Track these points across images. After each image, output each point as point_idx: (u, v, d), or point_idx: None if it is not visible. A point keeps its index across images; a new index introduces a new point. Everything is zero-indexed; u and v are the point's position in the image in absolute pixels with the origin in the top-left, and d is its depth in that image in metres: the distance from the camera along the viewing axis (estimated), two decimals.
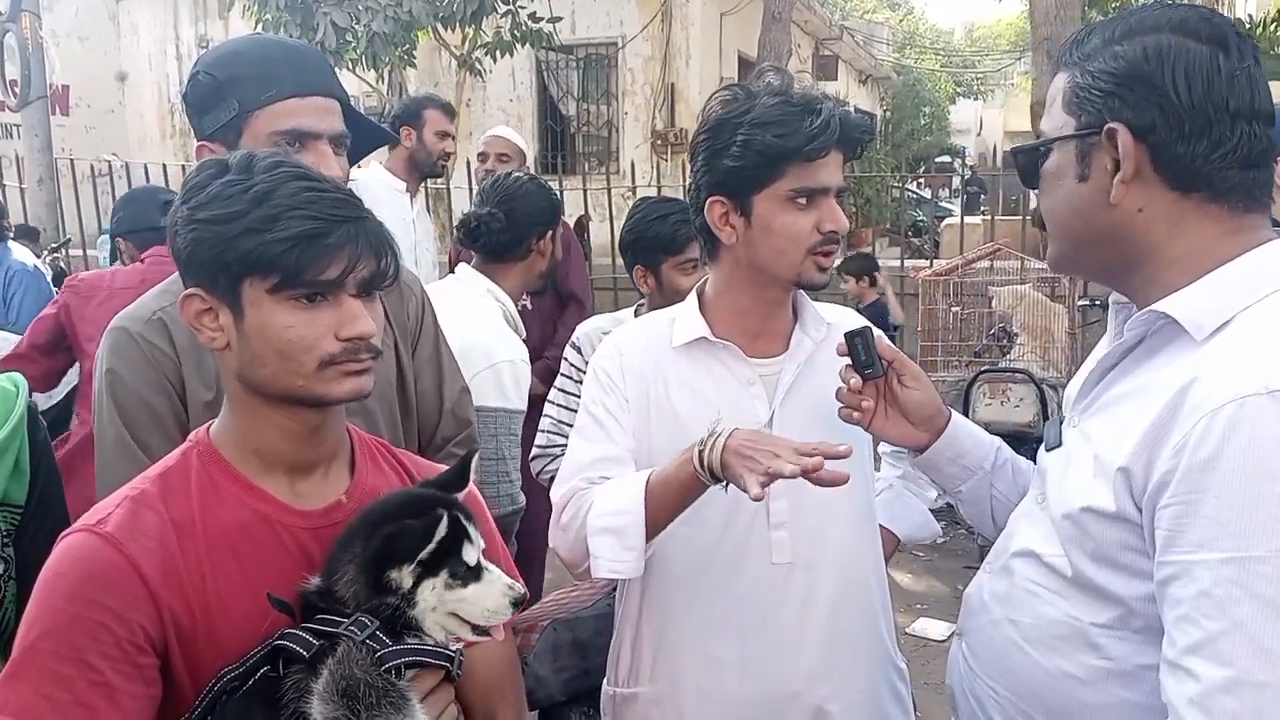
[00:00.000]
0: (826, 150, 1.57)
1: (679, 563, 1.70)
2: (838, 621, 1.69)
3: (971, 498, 1.59)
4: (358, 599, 1.11)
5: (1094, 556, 1.16)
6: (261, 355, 1.16)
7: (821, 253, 1.61)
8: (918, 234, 14.74)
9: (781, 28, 9.51)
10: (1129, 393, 1.18)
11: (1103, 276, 1.30)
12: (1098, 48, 1.19)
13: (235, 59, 1.66)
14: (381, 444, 1.39)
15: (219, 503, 1.19)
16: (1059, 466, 1.28)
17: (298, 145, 1.61)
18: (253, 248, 1.12)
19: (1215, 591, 0.99)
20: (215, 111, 1.64)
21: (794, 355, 1.69)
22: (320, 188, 1.16)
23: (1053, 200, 1.26)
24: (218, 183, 1.16)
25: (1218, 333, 1.10)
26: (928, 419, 1.57)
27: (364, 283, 1.18)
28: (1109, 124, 1.15)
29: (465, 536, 1.16)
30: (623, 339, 1.79)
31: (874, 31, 24.60)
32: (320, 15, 8.75)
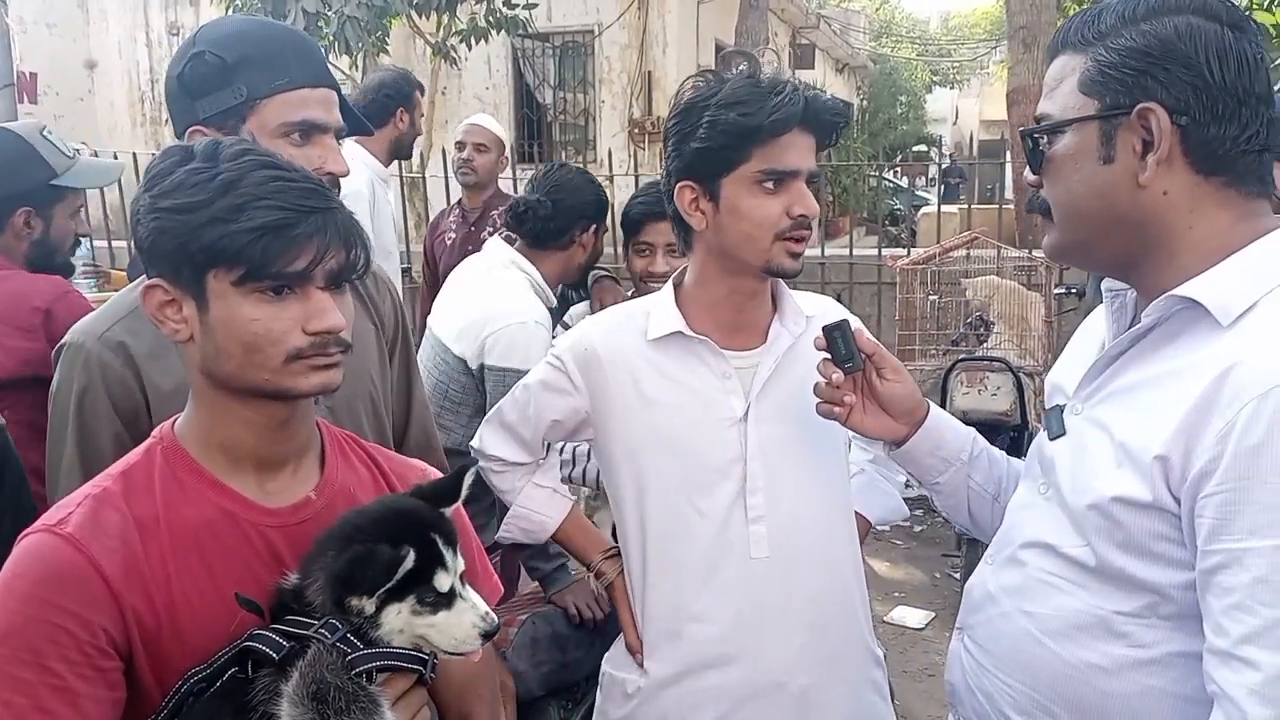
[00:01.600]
0: (789, 127, 1.55)
1: (662, 559, 1.70)
2: (817, 612, 1.69)
3: (949, 489, 1.59)
4: (324, 609, 1.09)
5: (1124, 546, 1.14)
6: (226, 348, 1.13)
7: (792, 238, 1.59)
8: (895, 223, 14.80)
9: (759, 15, 9.49)
10: (1149, 379, 1.16)
11: (1111, 264, 1.26)
12: (1115, 26, 1.16)
13: (243, 41, 1.59)
14: (351, 437, 1.36)
15: (184, 500, 1.16)
16: (1068, 455, 1.25)
17: (304, 137, 1.58)
18: (218, 238, 1.08)
19: (1274, 578, 0.98)
20: (218, 94, 1.57)
21: (771, 349, 1.68)
22: (288, 177, 1.13)
23: (1069, 184, 1.21)
24: (182, 170, 1.12)
25: (1243, 317, 1.09)
26: (907, 412, 1.56)
27: (333, 275, 1.15)
28: (1142, 103, 1.13)
29: (440, 563, 1.12)
30: (591, 331, 1.77)
31: (851, 20, 24.61)
32: (291, 1, 8.64)
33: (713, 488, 1.65)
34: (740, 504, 1.64)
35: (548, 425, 1.80)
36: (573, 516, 1.94)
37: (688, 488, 1.66)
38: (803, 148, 1.58)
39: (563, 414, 1.77)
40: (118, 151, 9.49)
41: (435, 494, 1.22)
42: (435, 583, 1.11)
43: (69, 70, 14.64)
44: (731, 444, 1.65)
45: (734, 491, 1.65)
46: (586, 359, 1.72)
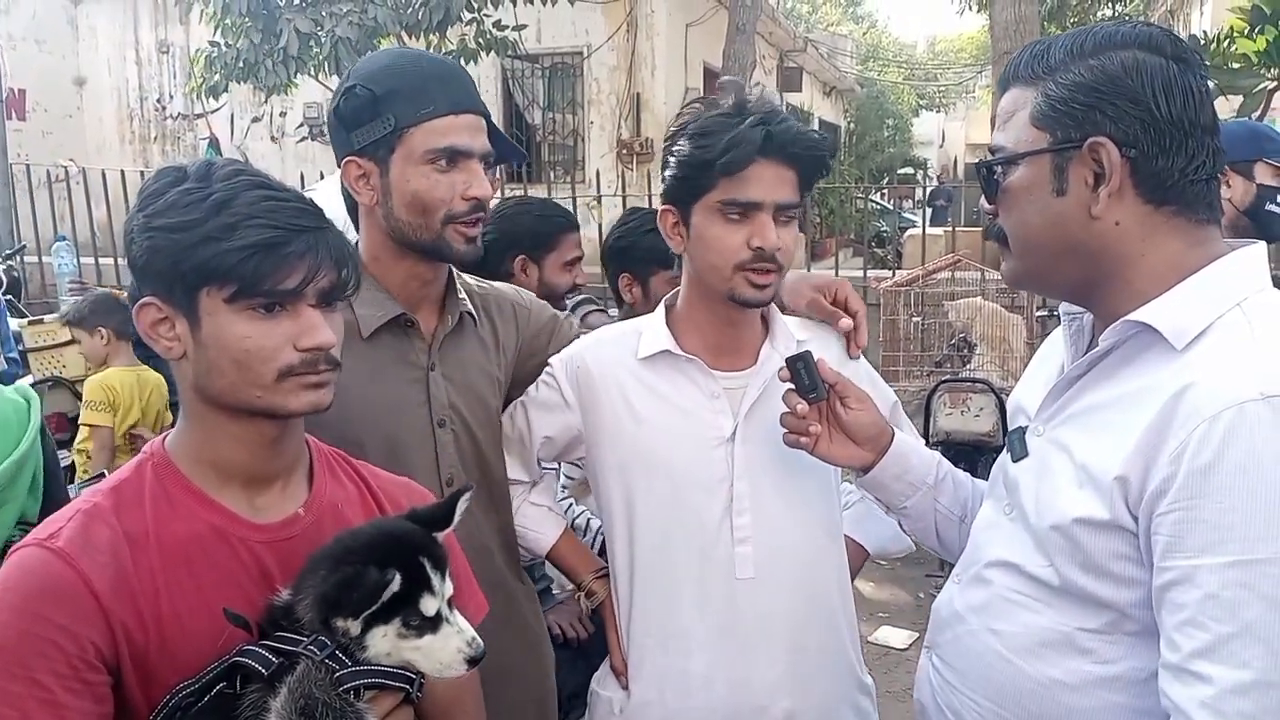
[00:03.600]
0: (746, 159, 1.55)
1: (649, 577, 1.72)
2: (801, 635, 1.69)
3: (916, 513, 1.59)
4: (313, 626, 1.10)
5: (1085, 567, 1.16)
6: (218, 365, 1.15)
7: (753, 269, 1.59)
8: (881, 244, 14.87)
9: (746, 39, 9.57)
10: (1108, 401, 1.18)
11: (1068, 290, 1.28)
12: (1064, 61, 1.18)
13: (392, 74, 1.65)
14: (339, 454, 1.37)
15: (173, 515, 1.17)
16: (1031, 477, 1.27)
17: (450, 163, 1.62)
18: (210, 256, 1.11)
19: (1223, 594, 1.00)
20: (369, 126, 1.63)
21: (760, 371, 1.69)
22: (280, 196, 1.16)
23: (1023, 215, 1.24)
24: (175, 190, 1.14)
25: (1197, 341, 1.11)
26: (872, 439, 1.56)
27: (324, 293, 1.17)
28: (1092, 138, 1.15)
29: (427, 587, 1.12)
30: (584, 349, 1.79)
31: (838, 44, 24.79)
32: (284, 21, 8.68)
33: (700, 507, 1.66)
34: (727, 524, 1.65)
35: (540, 441, 1.81)
36: (566, 535, 1.95)
37: (676, 506, 1.67)
38: (771, 179, 1.58)
39: (555, 430, 1.79)
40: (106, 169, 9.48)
41: (428, 518, 1.22)
42: (421, 607, 1.11)
43: (58, 87, 14.65)
44: (719, 464, 1.66)
45: (721, 511, 1.65)
46: (578, 375, 1.74)
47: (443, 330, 1.74)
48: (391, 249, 1.69)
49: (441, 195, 1.62)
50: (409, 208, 1.64)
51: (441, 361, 1.73)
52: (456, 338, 1.76)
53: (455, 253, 1.67)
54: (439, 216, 1.63)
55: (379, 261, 1.71)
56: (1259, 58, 5.90)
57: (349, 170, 1.67)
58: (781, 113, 1.63)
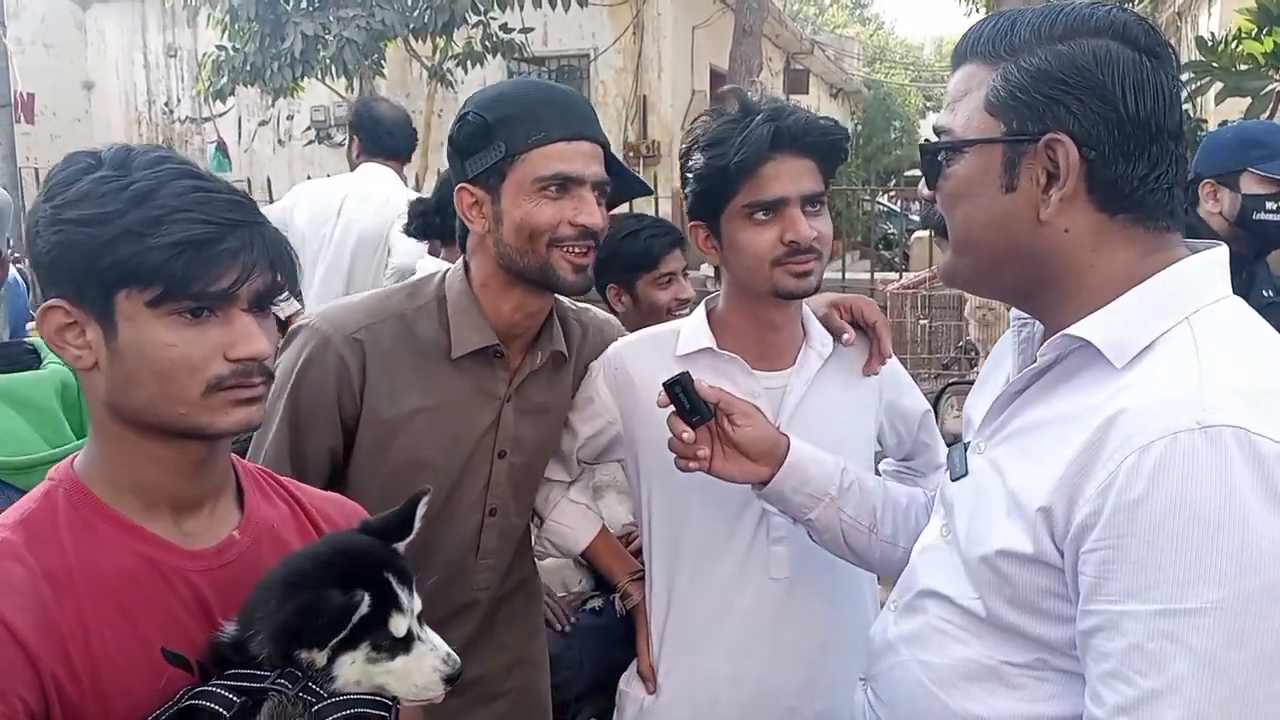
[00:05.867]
0: (760, 158, 1.55)
1: (688, 577, 1.72)
2: (832, 637, 1.70)
3: (821, 524, 1.54)
4: (272, 662, 0.99)
5: (1012, 602, 1.07)
6: (137, 378, 1.02)
7: (790, 263, 1.59)
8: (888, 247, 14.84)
9: (752, 42, 9.57)
10: (1042, 421, 1.09)
11: (1007, 295, 1.19)
12: (1029, 42, 1.06)
13: (505, 101, 1.64)
14: (265, 472, 1.27)
15: (98, 548, 1.04)
16: (967, 499, 1.17)
17: (560, 190, 1.60)
18: (129, 255, 0.98)
19: (1148, 646, 0.91)
20: (482, 153, 1.62)
21: (801, 371, 1.69)
22: (210, 187, 1.03)
23: (967, 209, 1.12)
24: (89, 179, 1.01)
25: (1139, 358, 1.02)
26: (766, 453, 1.51)
27: (258, 296, 1.05)
28: (1051, 133, 1.04)
29: (394, 604, 1.04)
30: (623, 350, 1.78)
31: (845, 46, 24.77)
32: (290, 25, 8.70)
33: (740, 508, 1.67)
34: (765, 523, 1.66)
35: (582, 442, 1.81)
36: (603, 535, 1.96)
37: (718, 507, 1.67)
38: (790, 173, 1.58)
39: (594, 431, 1.79)
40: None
41: (385, 529, 1.13)
42: (391, 627, 1.03)
43: (66, 91, 14.70)
44: None
45: (759, 510, 1.66)
46: (617, 379, 1.74)
47: (529, 366, 1.74)
48: (501, 278, 1.67)
49: (548, 220, 1.60)
50: (516, 233, 1.61)
51: (519, 395, 1.74)
52: (540, 375, 1.76)
53: (563, 281, 1.63)
54: (544, 241, 1.60)
55: (487, 289, 1.69)
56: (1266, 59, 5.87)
57: (462, 198, 1.66)
58: (789, 106, 1.63)
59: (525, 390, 1.74)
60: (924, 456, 1.85)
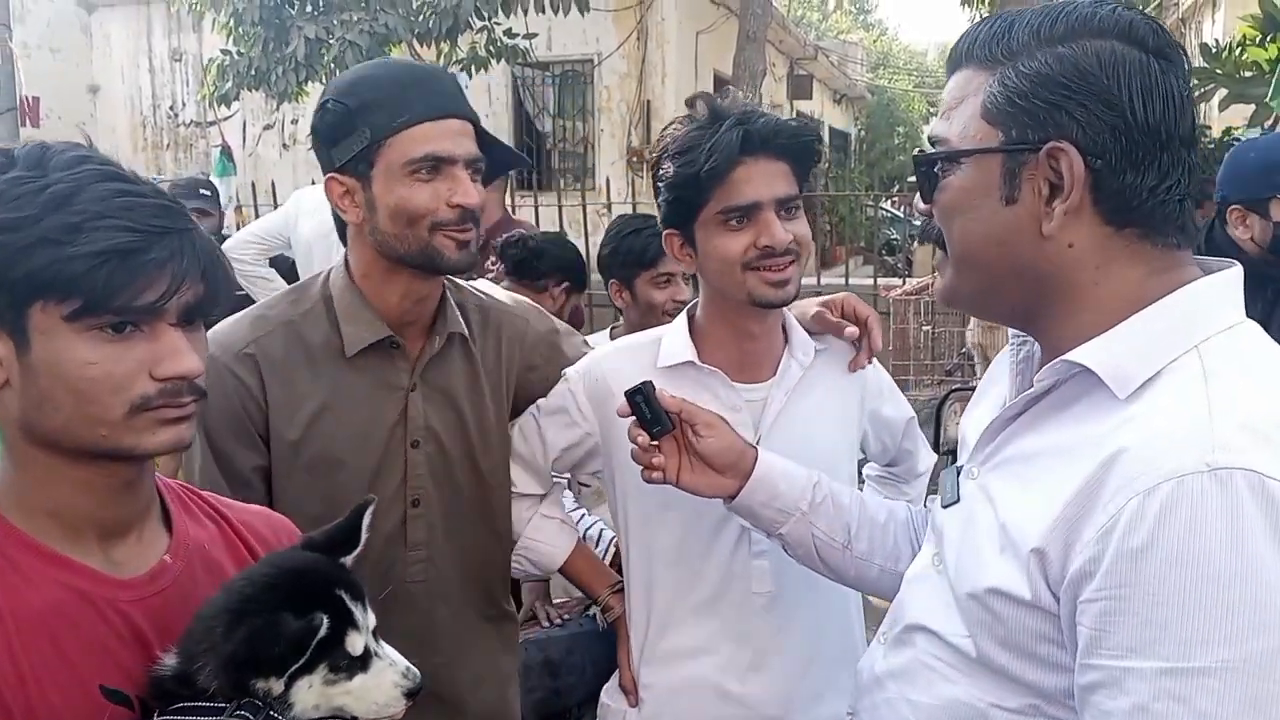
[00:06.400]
0: (730, 162, 1.52)
1: (666, 590, 1.71)
2: (817, 651, 1.69)
3: (793, 539, 1.50)
4: (223, 694, 0.94)
5: (1004, 643, 1.01)
6: (53, 397, 0.94)
7: (763, 268, 1.56)
8: (891, 252, 14.84)
9: (756, 47, 9.57)
10: (1037, 451, 1.03)
11: (1007, 315, 1.12)
12: (1028, 45, 1.00)
13: (366, 85, 1.61)
14: (188, 489, 1.20)
15: (22, 582, 0.96)
16: (957, 528, 1.11)
17: (432, 172, 1.56)
18: (46, 264, 0.90)
19: (1154, 707, 0.85)
20: (346, 142, 1.58)
21: (781, 382, 1.68)
22: (135, 191, 0.96)
23: (965, 223, 1.05)
24: (1, 179, 0.93)
25: (1144, 389, 0.95)
26: (731, 465, 1.48)
27: (187, 309, 0.98)
28: (1053, 142, 0.98)
29: (349, 622, 0.99)
30: (603, 360, 1.76)
31: (848, 52, 24.78)
32: (294, 29, 8.72)
33: (720, 521, 1.65)
34: (745, 538, 1.64)
35: (556, 453, 1.78)
36: (580, 549, 1.93)
37: (696, 521, 1.66)
38: (762, 177, 1.55)
39: (571, 442, 1.77)
40: None
41: (330, 543, 1.08)
42: (348, 646, 0.99)
43: (72, 95, 14.71)
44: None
45: (740, 525, 1.64)
46: (597, 389, 1.72)
47: (429, 351, 1.70)
48: (382, 267, 1.64)
49: (425, 203, 1.56)
50: (393, 219, 1.58)
51: (424, 382, 1.70)
52: (443, 359, 1.72)
53: (447, 261, 1.60)
54: (424, 225, 1.57)
55: (370, 280, 1.66)
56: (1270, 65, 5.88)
57: (332, 189, 1.62)
58: (758, 110, 1.61)
59: (429, 377, 1.70)
60: (907, 464, 1.84)
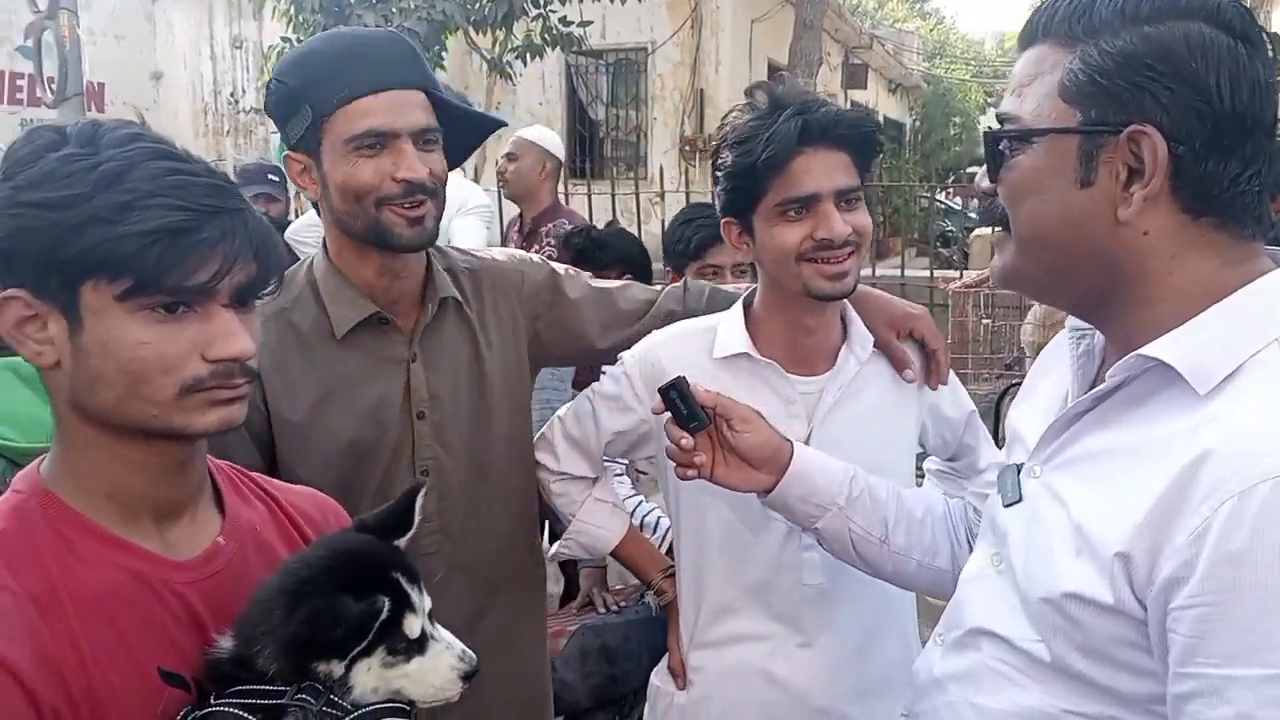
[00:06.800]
0: (788, 153, 1.51)
1: (717, 578, 1.70)
2: (867, 644, 1.68)
3: (829, 534, 1.48)
4: (283, 677, 0.94)
5: (1083, 649, 0.97)
6: (105, 377, 0.93)
7: (819, 259, 1.54)
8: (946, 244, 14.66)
9: (813, 35, 9.49)
10: (1110, 449, 0.99)
11: (1073, 302, 1.08)
12: (1111, 23, 0.96)
13: (306, 62, 1.58)
14: (238, 470, 1.19)
15: (81, 565, 0.96)
16: (1022, 529, 1.07)
17: (376, 147, 1.53)
18: (98, 242, 0.89)
19: (1260, 716, 0.82)
20: (294, 120, 1.55)
21: (837, 375, 1.66)
22: (189, 169, 0.95)
23: (1034, 205, 1.01)
24: (53, 156, 0.92)
25: (1225, 385, 0.92)
26: (767, 459, 1.45)
27: (240, 290, 0.97)
28: (1136, 124, 0.94)
29: (407, 605, 0.99)
30: (659, 345, 1.75)
31: (904, 40, 24.45)
32: (354, 17, 8.80)
33: (769, 512, 1.63)
34: (797, 529, 1.63)
35: (609, 437, 1.78)
36: (632, 533, 1.92)
37: (745, 509, 1.65)
38: (822, 168, 1.53)
39: (625, 427, 1.76)
40: None
41: (383, 525, 1.08)
42: (405, 628, 0.98)
43: (135, 81, 15.00)
44: None
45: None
46: (652, 374, 1.70)
47: (423, 321, 1.67)
48: (352, 245, 1.61)
49: (369, 179, 1.52)
50: (341, 196, 1.55)
51: (423, 352, 1.67)
52: (438, 327, 1.69)
53: (399, 239, 1.55)
54: (370, 201, 1.53)
55: (344, 258, 1.63)
56: None
57: (291, 166, 1.59)
58: (818, 99, 1.59)
59: (427, 346, 1.67)
60: (968, 459, 1.82)
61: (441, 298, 1.68)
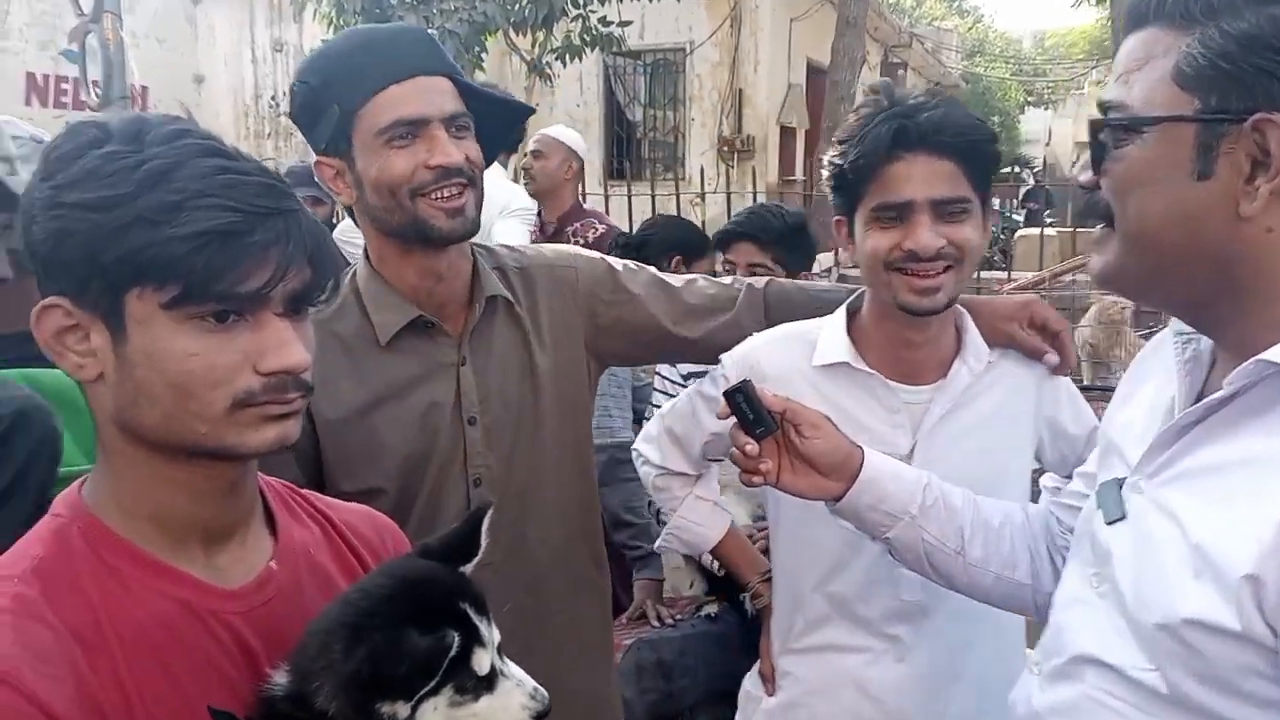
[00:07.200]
0: (880, 163, 1.46)
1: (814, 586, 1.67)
2: (967, 667, 1.62)
3: (901, 544, 1.42)
4: (343, 717, 0.86)
5: (1205, 679, 0.91)
6: (150, 392, 0.87)
7: (907, 270, 1.48)
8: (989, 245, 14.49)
9: (856, 33, 9.42)
10: (1227, 463, 0.93)
11: (1183, 305, 1.02)
12: (1234, 3, 0.90)
13: (327, 60, 1.55)
14: (289, 487, 1.12)
15: (126, 595, 0.90)
16: (1129, 548, 1.01)
17: (407, 137, 1.49)
18: (143, 246, 0.83)
19: None
20: (321, 122, 1.51)
21: (948, 387, 1.59)
22: (239, 167, 0.89)
23: (1144, 199, 0.95)
24: (95, 154, 0.86)
25: None
26: (836, 466, 1.40)
27: (294, 297, 0.91)
28: (1263, 113, 0.88)
29: (476, 639, 0.91)
30: (759, 348, 1.69)
31: (943, 39, 24.26)
32: (394, 19, 8.83)
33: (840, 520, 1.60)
34: None
35: (708, 437, 1.75)
36: (732, 533, 1.94)
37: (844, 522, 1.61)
38: (920, 175, 1.47)
39: (722, 429, 1.68)
40: None
41: (448, 551, 1.00)
42: (474, 664, 0.91)
43: (177, 84, 15.13)
44: None
45: None
46: (751, 376, 1.63)
47: (471, 322, 1.61)
48: (393, 247, 1.57)
49: (403, 170, 1.48)
50: (377, 193, 1.51)
51: (473, 354, 1.61)
52: (487, 328, 1.63)
53: (438, 230, 1.51)
54: (405, 193, 1.49)
55: (386, 263, 1.59)
56: None
57: (322, 173, 1.55)
58: (926, 103, 1.51)
59: (476, 347, 1.62)
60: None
61: (489, 296, 1.63)
